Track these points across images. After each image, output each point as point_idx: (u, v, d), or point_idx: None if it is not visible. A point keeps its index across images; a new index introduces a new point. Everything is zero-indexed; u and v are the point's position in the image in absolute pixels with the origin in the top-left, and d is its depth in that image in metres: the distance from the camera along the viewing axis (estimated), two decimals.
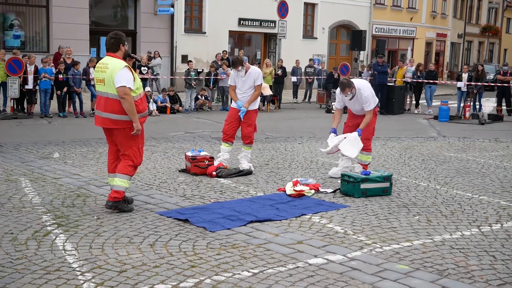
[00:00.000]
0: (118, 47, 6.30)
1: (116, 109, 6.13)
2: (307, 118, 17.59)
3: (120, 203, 6.26)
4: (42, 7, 21.59)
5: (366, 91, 8.21)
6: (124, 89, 6.03)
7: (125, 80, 6.05)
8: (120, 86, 6.03)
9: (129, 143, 6.25)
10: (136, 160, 6.32)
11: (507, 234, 5.77)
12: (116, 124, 6.18)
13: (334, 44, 32.54)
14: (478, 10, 48.69)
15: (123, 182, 6.26)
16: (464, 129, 15.23)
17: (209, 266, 4.72)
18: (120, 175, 6.27)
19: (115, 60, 6.20)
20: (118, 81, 6.04)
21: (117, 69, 6.09)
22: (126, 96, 6.04)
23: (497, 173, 9.07)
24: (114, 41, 6.30)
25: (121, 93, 6.03)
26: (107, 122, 6.21)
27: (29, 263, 4.67)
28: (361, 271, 4.67)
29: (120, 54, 6.30)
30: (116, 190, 6.22)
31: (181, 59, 24.56)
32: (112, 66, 6.13)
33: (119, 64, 6.14)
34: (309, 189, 7.36)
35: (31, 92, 15.47)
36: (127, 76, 6.08)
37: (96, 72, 6.30)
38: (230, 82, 8.93)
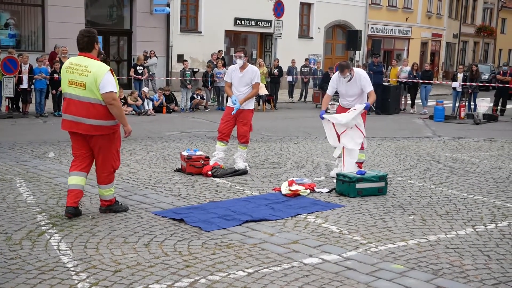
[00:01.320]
0: (92, 46, 5.91)
1: (100, 114, 5.82)
2: (302, 117, 17.59)
3: (114, 206, 6.21)
4: (37, 6, 21.55)
5: (363, 73, 8.48)
6: (112, 95, 5.78)
7: (112, 85, 5.80)
8: (107, 92, 5.75)
9: (109, 148, 6.04)
10: (115, 164, 6.15)
11: (501, 234, 5.79)
12: (99, 130, 5.88)
13: (329, 44, 32.56)
14: (473, 10, 48.81)
15: (110, 191, 6.18)
16: (459, 129, 15.27)
17: (204, 265, 4.71)
18: (105, 186, 6.14)
19: (95, 62, 5.85)
20: (105, 87, 5.75)
21: (102, 73, 5.77)
22: (114, 102, 5.81)
23: (492, 172, 9.09)
24: (88, 40, 5.88)
25: (109, 99, 5.77)
26: (90, 128, 5.84)
27: (24, 263, 4.66)
28: (356, 271, 4.68)
29: (95, 53, 5.97)
30: (106, 200, 6.17)
31: (177, 59, 24.54)
32: (95, 69, 5.76)
33: (103, 68, 5.82)
34: (305, 188, 7.36)
35: (26, 92, 15.43)
36: (112, 80, 5.84)
37: (70, 73, 5.83)
38: (226, 78, 8.90)
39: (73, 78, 5.81)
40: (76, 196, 5.94)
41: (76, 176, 5.98)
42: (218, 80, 18.78)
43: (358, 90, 8.39)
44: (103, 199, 6.19)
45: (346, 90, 8.47)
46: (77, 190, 5.95)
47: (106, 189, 6.14)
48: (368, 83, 8.36)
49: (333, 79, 8.60)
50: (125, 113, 6.30)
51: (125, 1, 23.88)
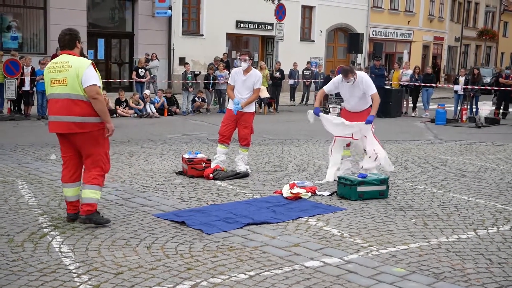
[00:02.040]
0: (74, 44, 5.77)
1: (82, 110, 5.59)
2: (304, 120, 17.45)
3: (95, 216, 5.75)
4: (39, 8, 21.60)
5: (366, 76, 8.48)
6: (95, 88, 5.56)
7: (95, 78, 5.59)
8: (90, 85, 5.53)
9: (97, 149, 5.74)
10: (105, 167, 5.85)
11: (503, 238, 5.78)
12: (82, 127, 5.61)
13: (331, 47, 32.60)
14: (475, 14, 48.81)
15: (95, 194, 5.76)
16: (461, 132, 15.26)
17: (206, 268, 4.72)
18: (90, 186, 5.73)
19: (77, 57, 5.69)
20: (88, 80, 5.54)
21: (84, 66, 5.59)
22: (98, 96, 5.58)
23: (494, 176, 9.09)
24: (69, 38, 5.75)
25: (93, 93, 5.54)
26: (72, 126, 5.59)
27: (25, 265, 4.66)
28: (357, 274, 4.67)
29: (77, 52, 5.79)
30: (88, 203, 5.71)
31: (179, 62, 24.57)
32: (77, 64, 5.59)
33: (85, 62, 5.67)
34: (306, 191, 7.36)
35: (28, 94, 15.46)
36: (95, 74, 5.63)
37: (52, 72, 5.67)
38: (230, 81, 8.90)
39: (54, 76, 5.64)
40: (75, 205, 5.85)
41: (70, 188, 5.84)
42: (220, 82, 18.80)
43: (360, 93, 8.39)
44: (84, 202, 5.71)
45: (349, 94, 8.47)
46: (75, 201, 5.86)
47: (91, 189, 5.73)
48: (370, 87, 8.31)
49: (335, 81, 8.58)
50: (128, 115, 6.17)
51: (127, 3, 23.93)
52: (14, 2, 21.45)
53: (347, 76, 8.23)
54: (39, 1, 21.58)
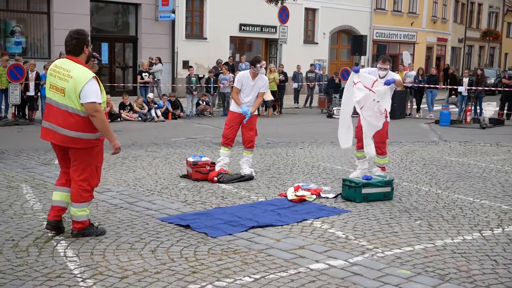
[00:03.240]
0: (81, 49, 5.36)
1: (78, 125, 5.25)
2: (308, 123, 17.59)
3: (87, 229, 5.55)
4: (43, 13, 21.66)
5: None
6: (94, 106, 5.18)
7: (95, 94, 5.20)
8: (89, 102, 5.17)
9: (88, 163, 5.42)
10: (93, 181, 5.51)
11: (508, 239, 5.76)
12: (76, 143, 5.29)
13: (335, 49, 32.58)
14: (479, 15, 48.73)
15: (83, 211, 5.50)
16: (465, 133, 15.23)
17: (211, 271, 4.71)
18: (77, 204, 5.46)
19: (79, 67, 5.28)
20: (87, 96, 5.17)
21: (84, 80, 5.18)
22: (97, 114, 5.20)
23: (499, 177, 9.06)
24: (76, 42, 5.34)
25: (91, 110, 5.18)
26: (65, 139, 5.30)
27: (30, 270, 4.67)
28: (362, 276, 4.67)
29: (83, 58, 5.39)
30: (77, 221, 5.51)
31: (182, 65, 24.60)
32: (77, 75, 5.20)
33: (86, 75, 5.23)
34: (311, 194, 7.36)
35: (33, 99, 15.50)
36: (96, 89, 5.24)
37: (52, 76, 5.35)
38: (237, 84, 8.80)
39: (54, 81, 5.32)
40: (59, 212, 5.56)
41: (60, 192, 5.58)
42: (223, 86, 18.81)
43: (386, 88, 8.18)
44: (74, 219, 5.50)
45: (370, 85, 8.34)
46: (60, 207, 5.57)
47: (79, 208, 5.47)
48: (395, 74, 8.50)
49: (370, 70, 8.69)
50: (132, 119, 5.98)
51: (130, 8, 23.97)
52: (18, 7, 21.51)
53: (385, 63, 8.30)
54: (43, 6, 21.65)
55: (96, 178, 5.55)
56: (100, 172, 5.63)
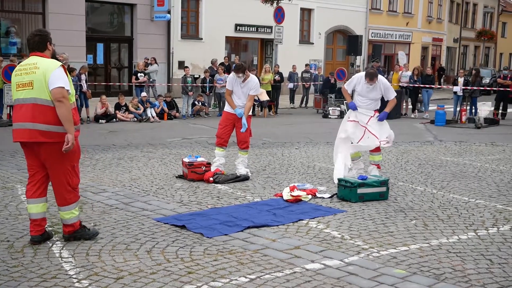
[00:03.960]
0: (45, 45, 5.30)
1: (47, 118, 5.08)
2: (304, 123, 17.61)
3: (79, 232, 5.44)
4: (38, 14, 21.61)
5: (385, 80, 8.77)
6: (62, 91, 5.05)
7: (63, 81, 5.10)
8: (57, 87, 5.04)
9: (62, 163, 5.21)
10: (71, 180, 5.31)
11: (503, 238, 5.78)
12: (46, 136, 5.09)
13: (330, 49, 32.61)
14: (474, 15, 48.86)
15: (71, 214, 5.36)
16: (461, 133, 15.26)
17: (206, 272, 4.71)
18: (64, 208, 5.33)
19: (45, 59, 5.23)
20: (54, 82, 5.06)
21: (52, 68, 5.13)
22: (64, 100, 5.05)
23: (494, 176, 9.09)
24: (39, 39, 5.29)
25: (58, 95, 5.03)
26: (35, 134, 5.09)
27: (26, 271, 4.66)
28: (358, 276, 4.68)
29: (48, 54, 5.32)
30: (67, 224, 5.38)
31: (178, 65, 24.59)
32: (45, 65, 5.14)
33: (54, 63, 5.20)
34: (306, 194, 7.37)
35: None
36: (64, 76, 5.14)
37: (18, 75, 5.22)
38: (228, 86, 8.90)
39: (19, 80, 5.19)
40: (40, 225, 5.36)
41: (35, 204, 5.32)
42: (219, 86, 18.81)
43: (378, 95, 8.60)
44: (64, 223, 5.40)
45: (365, 93, 8.57)
46: (40, 218, 5.35)
47: (65, 211, 5.34)
48: (390, 90, 8.66)
49: (354, 79, 8.73)
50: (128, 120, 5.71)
51: (126, 8, 23.95)
52: (13, 8, 21.46)
53: (372, 80, 8.38)
54: (38, 7, 21.60)
55: (74, 177, 5.36)
56: (77, 171, 5.41)
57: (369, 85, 8.42)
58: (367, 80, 8.39)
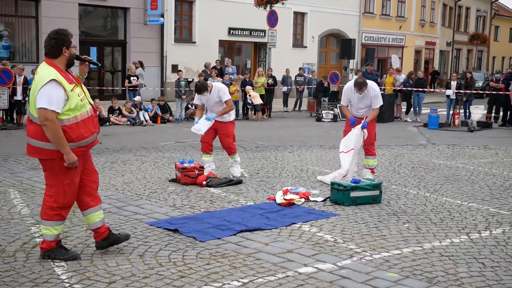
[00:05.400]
0: (59, 51, 4.80)
1: (36, 133, 4.75)
2: (297, 126, 17.62)
3: (52, 252, 4.98)
4: (31, 17, 21.56)
5: (376, 88, 8.73)
6: (44, 113, 4.58)
7: (47, 100, 4.58)
8: (39, 107, 4.61)
9: (53, 178, 4.89)
10: (60, 199, 4.88)
11: (496, 241, 5.80)
12: (38, 153, 4.81)
13: (323, 53, 32.66)
14: (466, 19, 49.08)
15: (47, 230, 4.94)
16: (454, 137, 15.31)
17: (199, 276, 4.70)
18: (42, 221, 4.97)
19: (46, 69, 4.74)
20: (38, 101, 4.61)
21: (40, 84, 4.64)
22: (47, 123, 4.60)
23: (486, 180, 9.11)
24: (54, 43, 4.79)
25: (41, 118, 4.61)
26: (30, 150, 4.87)
27: (17, 275, 4.64)
28: (351, 280, 4.68)
29: (62, 61, 4.82)
30: (43, 240, 5.03)
31: (171, 69, 24.55)
32: (38, 78, 4.71)
33: (45, 77, 4.65)
34: (299, 197, 7.36)
35: (20, 103, 15.41)
36: (51, 93, 4.61)
37: None
38: (197, 101, 8.96)
39: None
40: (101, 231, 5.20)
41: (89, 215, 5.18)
42: None
43: (369, 102, 8.65)
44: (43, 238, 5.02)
45: (358, 102, 8.67)
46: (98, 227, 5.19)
47: (44, 225, 4.96)
48: (378, 99, 8.61)
49: (346, 92, 8.78)
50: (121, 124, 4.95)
51: (119, 12, 23.91)
52: (6, 11, 21.41)
53: (361, 89, 8.44)
54: (31, 10, 21.55)
55: (62, 196, 4.89)
56: (69, 191, 4.93)
57: (359, 94, 8.48)
58: (356, 90, 8.46)
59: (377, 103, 8.62)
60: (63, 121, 4.69)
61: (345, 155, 8.43)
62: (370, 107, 8.69)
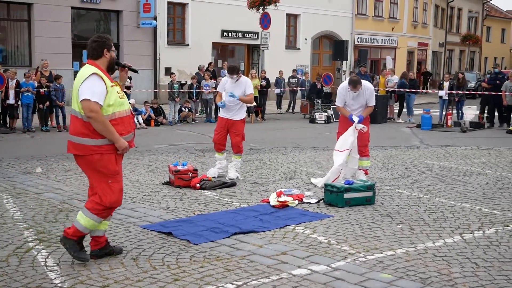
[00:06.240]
0: (100, 52, 5.00)
1: (77, 129, 4.85)
2: (291, 128, 17.63)
3: (71, 242, 4.96)
4: (23, 21, 21.50)
5: (371, 86, 8.83)
6: (88, 105, 4.70)
7: (90, 92, 4.73)
8: (81, 100, 4.73)
9: (96, 176, 4.95)
10: (105, 198, 4.92)
11: (489, 241, 5.82)
12: (77, 149, 4.88)
13: (317, 55, 32.72)
14: (458, 19, 49.26)
15: (82, 218, 4.96)
16: (446, 137, 15.36)
17: (193, 279, 4.70)
18: (85, 210, 4.98)
19: (87, 67, 4.94)
20: (81, 94, 4.75)
21: (82, 78, 4.80)
22: (93, 114, 4.70)
23: (479, 180, 9.15)
24: (96, 46, 5.01)
25: (85, 110, 4.71)
26: (69, 146, 4.94)
27: (10, 280, 4.62)
28: (344, 281, 4.68)
29: (103, 62, 5.00)
30: (72, 226, 5.02)
31: (164, 72, 24.53)
32: (79, 75, 4.87)
33: (85, 72, 4.83)
34: (293, 199, 7.37)
35: (13, 107, 15.36)
36: (92, 86, 4.76)
37: None
38: (219, 88, 9.30)
39: None
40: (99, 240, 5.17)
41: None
42: (206, 92, 18.81)
43: (364, 101, 8.71)
44: (74, 223, 5.05)
45: (353, 101, 8.70)
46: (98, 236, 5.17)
47: (84, 214, 4.98)
48: (372, 97, 8.73)
49: (341, 91, 8.80)
50: None
51: (112, 15, 23.88)
52: None
53: (356, 87, 8.48)
54: (23, 14, 21.49)
55: (108, 195, 4.92)
56: (114, 189, 4.98)
57: (353, 92, 8.51)
58: (351, 88, 8.49)
59: (372, 102, 8.73)
60: (107, 117, 4.82)
61: (340, 154, 8.39)
62: (365, 106, 8.72)
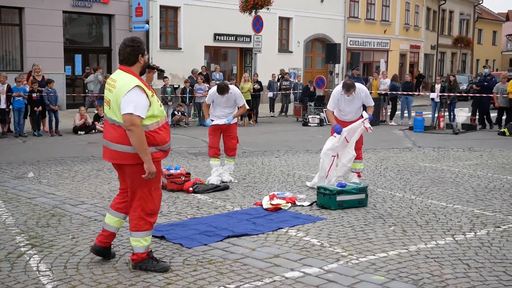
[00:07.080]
0: (136, 58, 4.88)
1: (121, 138, 4.77)
2: (284, 131, 17.65)
3: (144, 263, 4.97)
4: (15, 25, 21.42)
5: (365, 88, 8.85)
6: (131, 118, 4.62)
7: (133, 105, 4.63)
8: (125, 113, 4.64)
9: (138, 184, 4.88)
10: (147, 206, 4.91)
11: (480, 242, 5.85)
12: (124, 158, 4.81)
13: (309, 58, 32.77)
14: (450, 22, 49.49)
15: (137, 242, 4.95)
16: (439, 139, 15.42)
17: (186, 282, 4.70)
18: (132, 233, 4.97)
19: (126, 76, 4.80)
20: (124, 107, 4.65)
21: (124, 90, 4.69)
22: (133, 128, 4.62)
23: (471, 182, 9.19)
24: (131, 51, 4.87)
25: (127, 123, 4.63)
26: (114, 155, 4.85)
27: (2, 286, 4.60)
28: (337, 283, 4.69)
29: (137, 68, 4.90)
30: (133, 252, 5.03)
31: (157, 76, 24.45)
32: (120, 85, 4.75)
33: (129, 83, 4.72)
34: (286, 202, 7.38)
35: (4, 112, 15.30)
36: (137, 100, 4.67)
37: (106, 90, 4.96)
38: (207, 100, 9.19)
39: (105, 95, 4.93)
40: (107, 238, 5.17)
41: (113, 216, 5.16)
42: (199, 96, 18.81)
43: (359, 104, 8.69)
44: (133, 251, 5.04)
45: (347, 105, 8.65)
46: (109, 232, 5.17)
47: (133, 238, 4.97)
48: (370, 98, 8.80)
49: (334, 95, 8.70)
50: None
51: (104, 18, 23.84)
52: None
53: (349, 91, 8.44)
54: (15, 18, 21.41)
55: (150, 202, 4.93)
56: (157, 196, 5.00)
57: (347, 96, 8.48)
58: (344, 91, 8.45)
59: (371, 102, 8.78)
60: (148, 127, 4.76)
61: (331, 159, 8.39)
62: (358, 111, 8.66)
